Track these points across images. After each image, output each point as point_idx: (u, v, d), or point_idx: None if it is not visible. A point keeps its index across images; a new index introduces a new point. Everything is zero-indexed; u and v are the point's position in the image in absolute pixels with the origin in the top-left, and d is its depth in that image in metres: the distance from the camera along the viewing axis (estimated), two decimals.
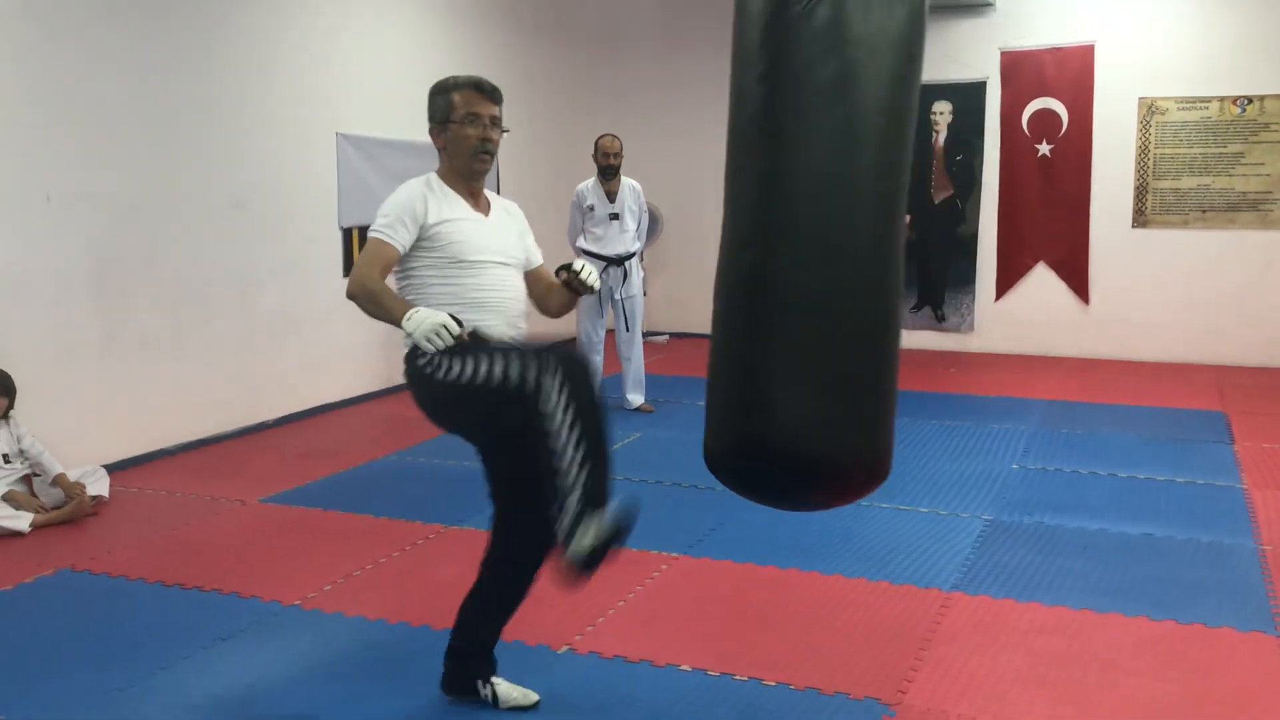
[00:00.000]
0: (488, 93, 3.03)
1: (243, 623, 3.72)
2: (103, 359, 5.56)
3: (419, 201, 2.96)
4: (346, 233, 7.06)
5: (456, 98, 3.00)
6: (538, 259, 3.29)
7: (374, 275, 2.89)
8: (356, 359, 7.27)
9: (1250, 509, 4.84)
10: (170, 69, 5.82)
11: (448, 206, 2.99)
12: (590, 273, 3.16)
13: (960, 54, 8.97)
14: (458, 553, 4.41)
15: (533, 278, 3.27)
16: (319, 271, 6.90)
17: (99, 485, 5.04)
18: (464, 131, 2.99)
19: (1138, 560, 4.23)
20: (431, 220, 2.95)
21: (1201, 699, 3.14)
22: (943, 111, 9.16)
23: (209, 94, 6.05)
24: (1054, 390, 7.54)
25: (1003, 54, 8.82)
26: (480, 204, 3.10)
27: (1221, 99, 8.27)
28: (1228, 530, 4.56)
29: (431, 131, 3.06)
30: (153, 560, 4.33)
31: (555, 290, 3.28)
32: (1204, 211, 8.40)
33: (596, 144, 6.67)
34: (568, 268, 3.17)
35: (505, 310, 3.06)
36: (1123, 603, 3.80)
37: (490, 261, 3.02)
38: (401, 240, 2.92)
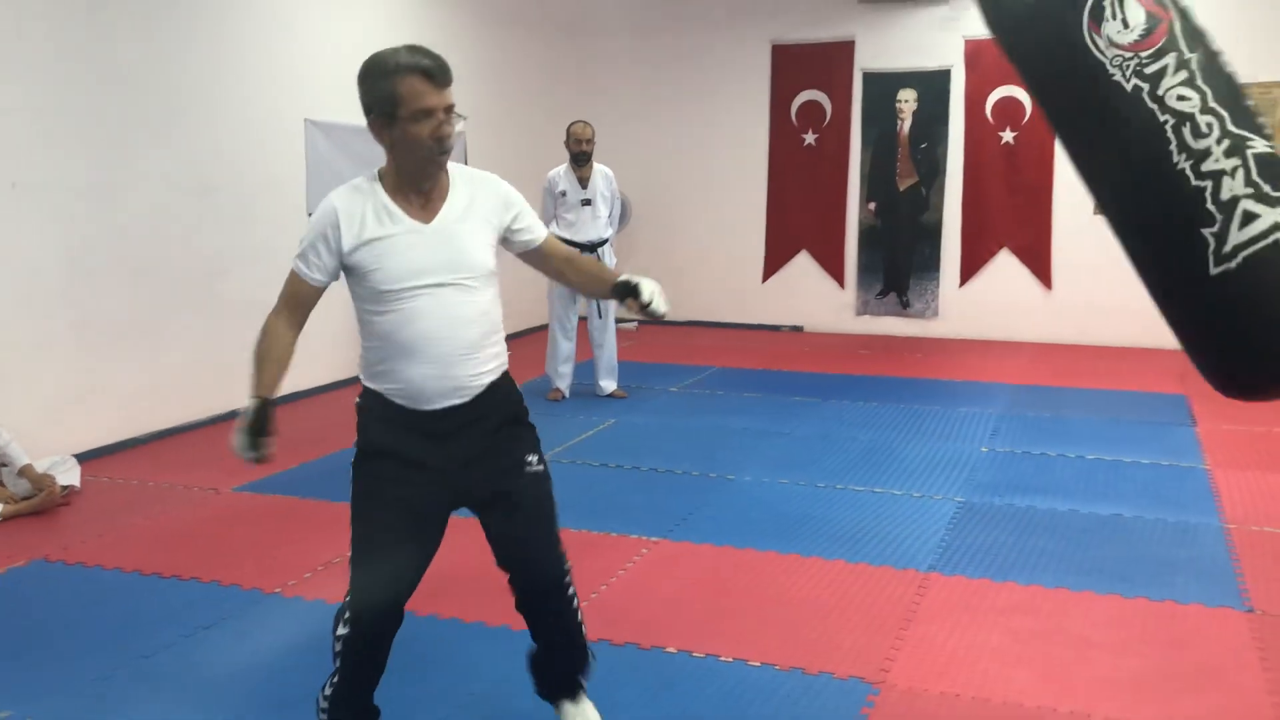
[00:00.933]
0: (437, 79, 2.41)
1: (223, 611, 3.71)
2: (73, 347, 5.50)
3: (328, 224, 2.45)
4: None
5: (401, 89, 2.39)
6: (537, 235, 2.75)
7: (274, 322, 2.51)
8: (329, 346, 7.21)
9: (1214, 489, 4.95)
10: (137, 54, 5.75)
11: (375, 221, 2.45)
12: (657, 300, 2.59)
13: (925, 43, 9.05)
14: None
15: (539, 257, 2.80)
16: (288, 258, 6.82)
17: (70, 475, 4.99)
18: (414, 130, 2.41)
19: (1108, 540, 4.31)
20: (348, 245, 2.44)
21: (1174, 673, 3.22)
22: (908, 99, 9.24)
23: (176, 80, 5.99)
24: (1019, 374, 7.65)
25: (967, 42, 8.90)
26: (433, 204, 2.52)
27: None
28: (1194, 510, 4.66)
29: (371, 125, 2.46)
30: (128, 549, 4.30)
31: (588, 281, 2.84)
32: None
33: (568, 130, 6.67)
34: (634, 292, 2.59)
35: (442, 353, 2.50)
36: (1095, 581, 3.88)
37: (422, 287, 2.45)
38: (316, 274, 2.48)
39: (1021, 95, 8.81)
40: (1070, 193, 8.77)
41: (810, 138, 9.58)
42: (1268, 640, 3.41)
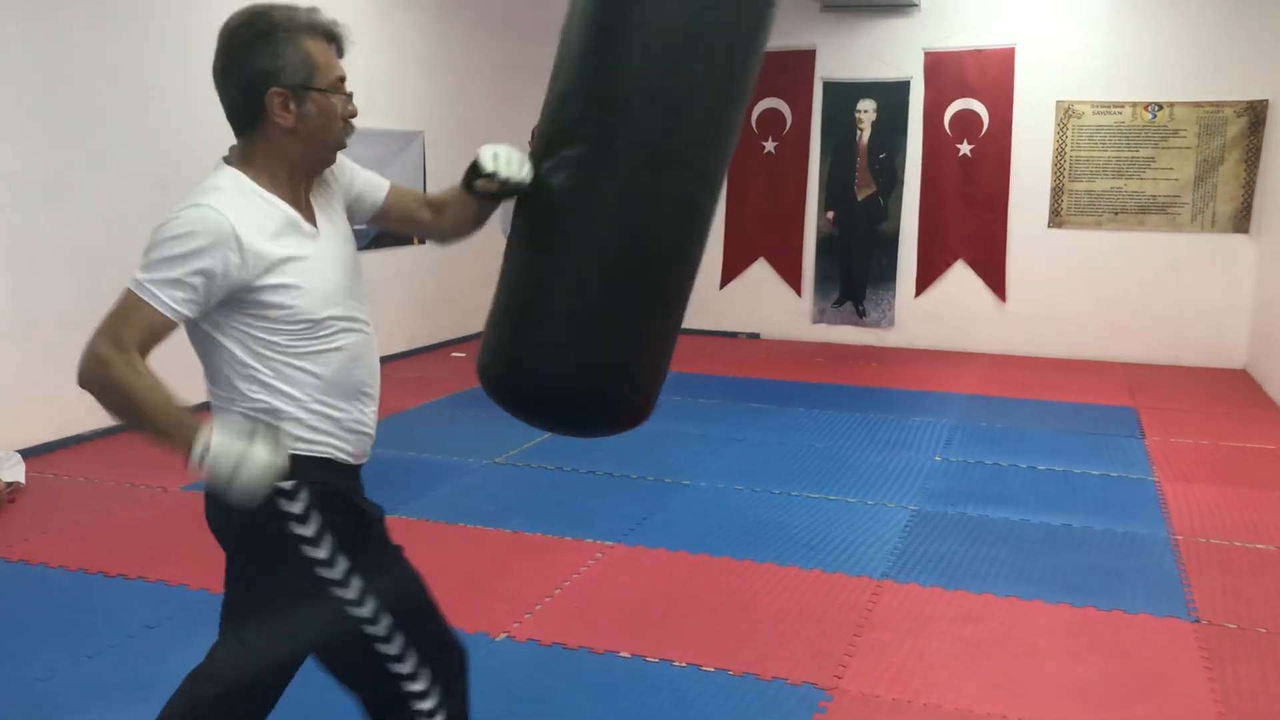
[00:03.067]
0: (342, 45, 2.06)
1: (169, 610, 3.65)
2: (18, 341, 5.38)
3: (222, 243, 1.84)
4: None
5: (316, 54, 1.95)
6: (380, 184, 2.27)
7: (122, 356, 1.87)
8: None
9: (1162, 500, 5.02)
10: (88, 44, 5.65)
11: (282, 233, 1.93)
12: (510, 160, 2.07)
13: (884, 53, 9.12)
14: None
15: (397, 212, 2.27)
16: None
17: (14, 471, 4.89)
18: (330, 106, 1.98)
19: (1058, 549, 4.36)
20: (256, 269, 1.87)
21: (1122, 680, 3.26)
22: (867, 110, 9.30)
23: (129, 70, 5.89)
24: (973, 385, 7.72)
25: (926, 54, 8.98)
26: (308, 207, 2.02)
27: (1134, 104, 8.54)
28: (1142, 521, 4.73)
29: (263, 100, 1.92)
30: (73, 548, 4.22)
31: (455, 205, 2.29)
32: (1116, 213, 8.66)
33: (533, 133, 6.62)
34: (477, 170, 2.10)
35: (377, 386, 2.12)
36: (1045, 590, 3.92)
37: (351, 310, 2.04)
38: (186, 309, 1.87)
39: (979, 108, 8.91)
40: (1026, 206, 8.88)
41: (770, 146, 9.62)
42: (1213, 650, 3.47)
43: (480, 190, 2.11)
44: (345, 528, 2.01)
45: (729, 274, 9.86)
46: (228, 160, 2.01)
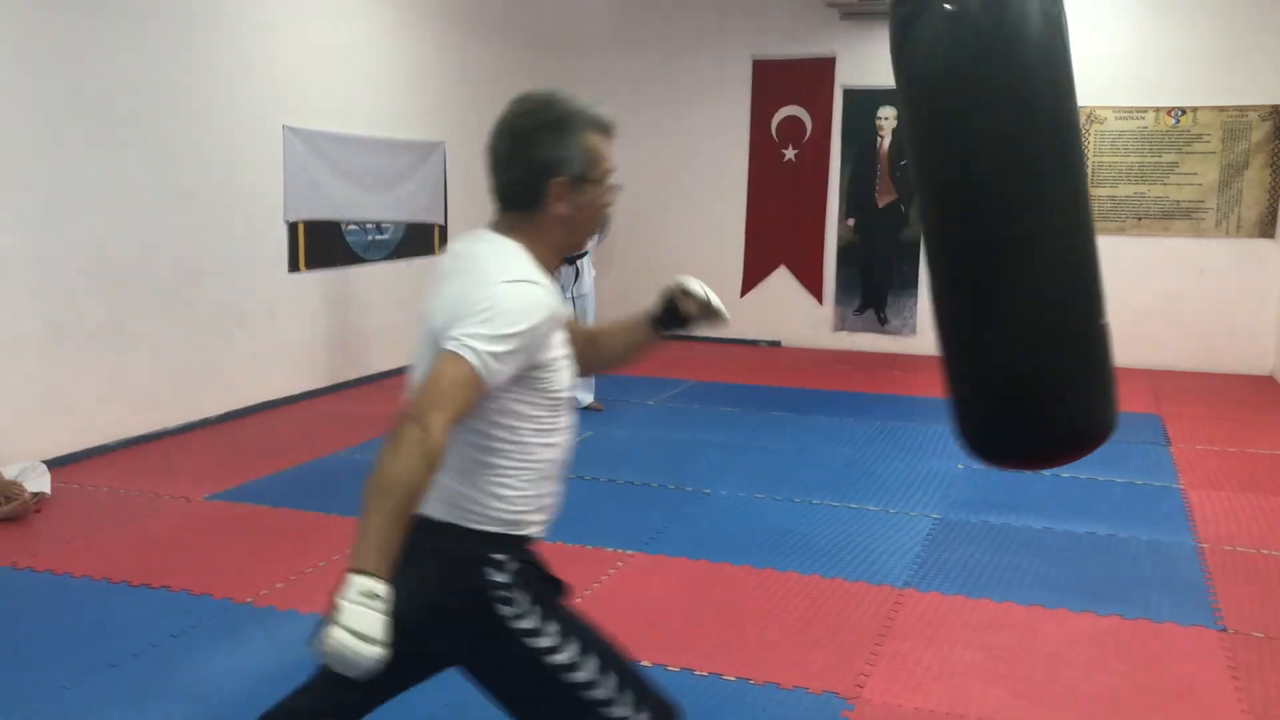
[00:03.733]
0: (613, 135, 2.08)
1: (193, 620, 3.66)
2: (44, 352, 5.43)
3: (548, 318, 1.84)
4: (292, 227, 6.97)
5: (596, 144, 1.99)
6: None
7: (442, 436, 1.68)
8: (302, 355, 7.19)
9: (1187, 508, 4.97)
10: (113, 55, 5.71)
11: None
12: (714, 295, 2.25)
13: None
14: None
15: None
16: (265, 266, 6.81)
17: (40, 482, 4.92)
18: (601, 197, 2.02)
19: (1082, 557, 4.33)
20: (557, 344, 1.91)
21: (1147, 690, 3.23)
22: (888, 117, 9.29)
23: (153, 82, 5.94)
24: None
25: None
26: None
27: (1157, 109, 8.49)
28: (1167, 529, 4.68)
29: (550, 189, 1.94)
30: (97, 557, 4.24)
31: (613, 336, 2.29)
32: (1140, 219, 8.61)
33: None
34: (671, 301, 2.21)
35: None
36: (1069, 598, 3.89)
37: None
38: (501, 380, 1.78)
39: None
40: None
41: (790, 153, 9.61)
42: (1239, 659, 3.43)
43: (684, 313, 2.21)
44: (550, 600, 1.95)
45: (750, 282, 9.85)
46: (498, 229, 2.02)
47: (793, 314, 9.75)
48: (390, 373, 8.00)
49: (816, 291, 9.67)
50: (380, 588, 1.61)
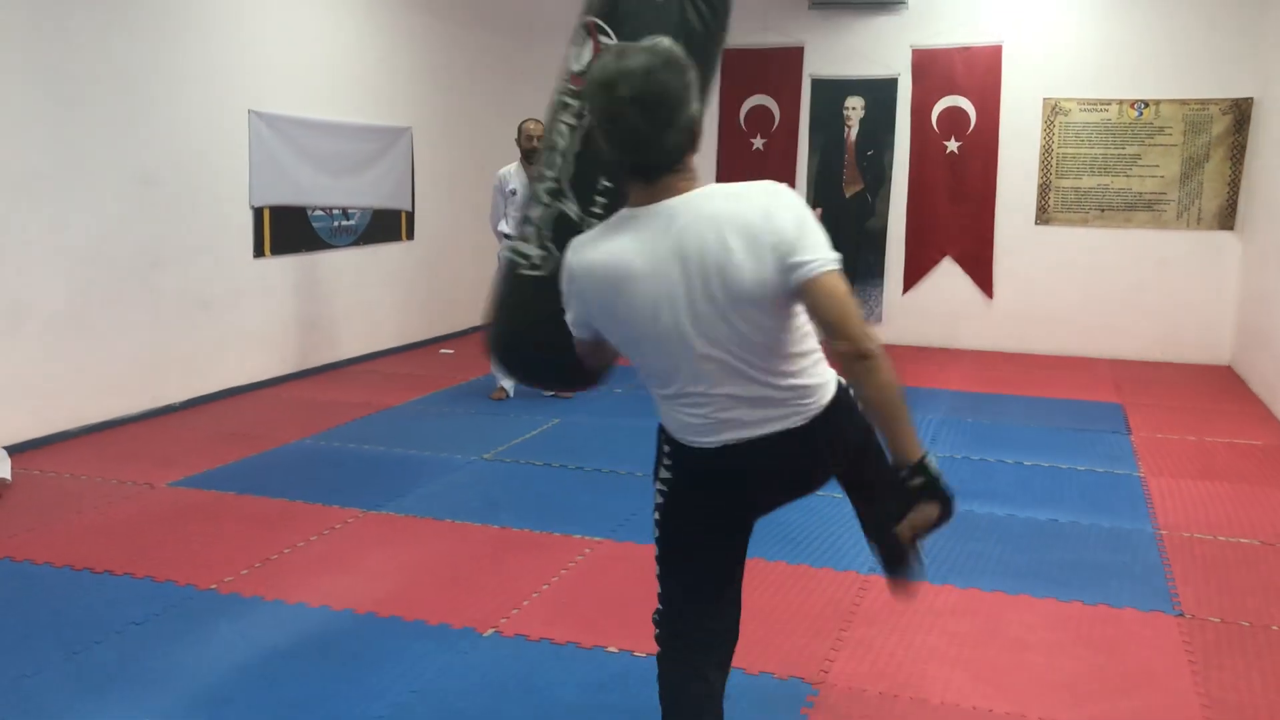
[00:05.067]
0: None
1: (157, 607, 3.64)
2: (4, 337, 5.36)
3: None
4: (258, 212, 6.92)
5: None
6: None
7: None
8: (268, 341, 7.13)
9: (1147, 496, 5.04)
10: (76, 39, 5.63)
11: None
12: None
13: (873, 51, 9.13)
14: (377, 538, 4.37)
15: None
16: (230, 251, 6.75)
17: (1, 468, 4.86)
18: None
19: (1045, 544, 4.38)
20: None
21: (1106, 674, 3.28)
22: (855, 107, 9.32)
23: (116, 66, 5.87)
24: (960, 381, 7.75)
25: (914, 52, 9.00)
26: None
27: (1120, 102, 8.57)
28: (1127, 516, 4.75)
29: (698, 136, 2.07)
30: (59, 544, 4.20)
31: None
32: (1103, 210, 8.69)
33: (520, 128, 6.64)
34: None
35: None
36: (1032, 584, 3.94)
37: None
38: None
39: (966, 105, 8.93)
40: (1013, 203, 8.91)
41: (758, 142, 9.63)
42: (1197, 644, 3.49)
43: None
44: None
45: None
46: (693, 181, 2.08)
47: None
48: (358, 359, 7.96)
49: None
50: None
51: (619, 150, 2.00)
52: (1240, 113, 8.26)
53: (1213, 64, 8.28)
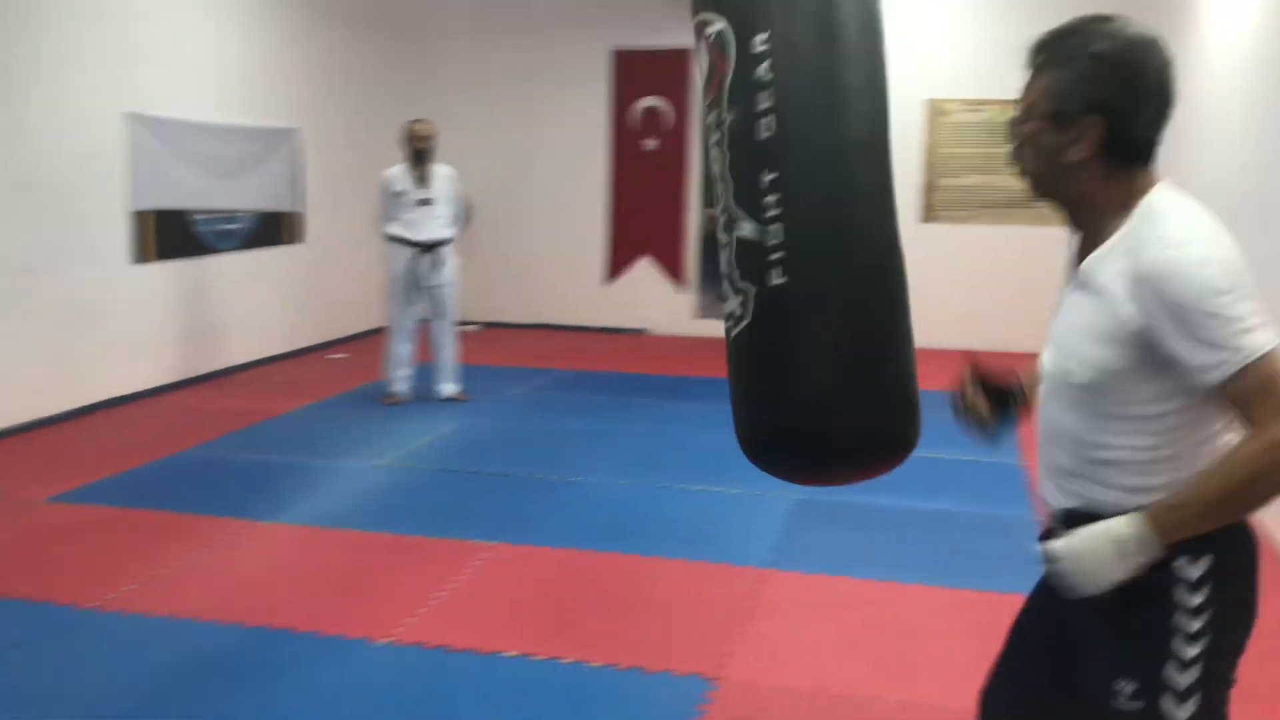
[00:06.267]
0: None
1: (34, 629, 3.50)
2: None
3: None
4: (139, 217, 6.69)
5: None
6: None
7: None
8: (152, 349, 6.91)
9: (1028, 483, 5.20)
10: None
11: None
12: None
13: None
14: (268, 549, 4.28)
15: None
16: (110, 257, 6.52)
17: None
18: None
19: (935, 533, 4.49)
20: None
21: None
22: None
23: None
24: None
25: None
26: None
27: (1000, 102, 8.82)
28: (1010, 503, 4.89)
29: (1080, 125, 1.65)
30: None
31: None
32: (984, 207, 8.94)
33: (407, 129, 6.55)
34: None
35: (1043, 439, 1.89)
36: (924, 573, 4.03)
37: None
38: None
39: None
40: (900, 201, 9.07)
41: (651, 143, 9.67)
42: None
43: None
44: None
45: (614, 270, 9.89)
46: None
47: (657, 302, 9.82)
48: (246, 365, 7.77)
49: (679, 279, 9.76)
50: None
51: (1146, 122, 1.63)
52: None
53: None
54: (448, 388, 6.81)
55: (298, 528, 4.50)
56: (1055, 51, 1.70)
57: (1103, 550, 1.59)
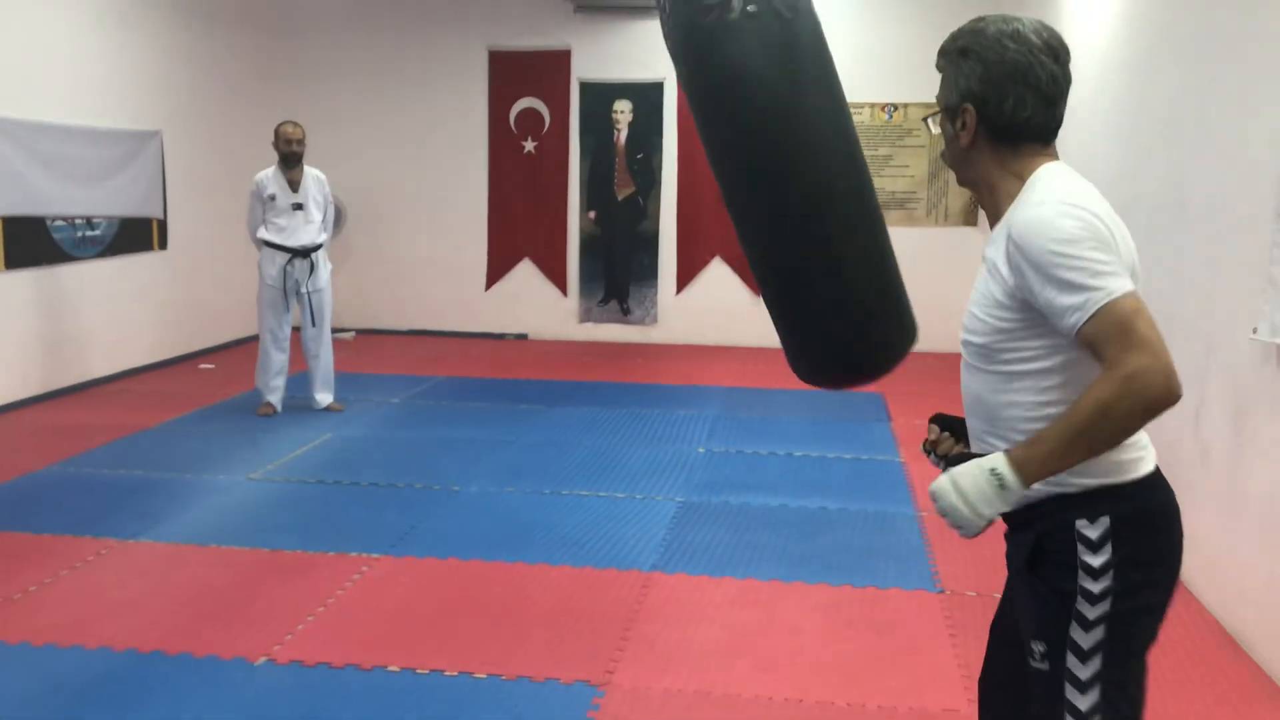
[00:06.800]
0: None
1: None
2: None
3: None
4: None
5: None
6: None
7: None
8: (6, 362, 6.58)
9: (908, 480, 5.32)
10: None
11: None
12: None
13: (638, 54, 9.27)
14: (135, 568, 4.10)
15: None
16: None
17: None
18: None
19: (816, 532, 4.55)
20: None
21: (878, 654, 3.43)
22: (623, 110, 9.44)
23: None
24: (732, 377, 7.96)
25: None
26: None
27: (873, 105, 9.03)
28: (890, 500, 4.99)
29: (962, 114, 1.84)
30: None
31: None
32: (886, 209, 9.12)
33: (276, 131, 6.37)
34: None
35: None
36: (805, 571, 4.08)
37: None
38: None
39: None
40: None
41: (530, 145, 9.61)
42: (955, 617, 3.70)
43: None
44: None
45: (494, 275, 9.80)
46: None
47: (538, 306, 9.77)
48: (110, 378, 7.46)
49: (561, 284, 9.72)
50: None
51: (1038, 105, 1.77)
52: None
53: None
54: (323, 397, 6.65)
55: (166, 545, 4.33)
56: (944, 53, 1.88)
57: (973, 487, 1.67)
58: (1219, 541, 3.70)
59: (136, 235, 7.75)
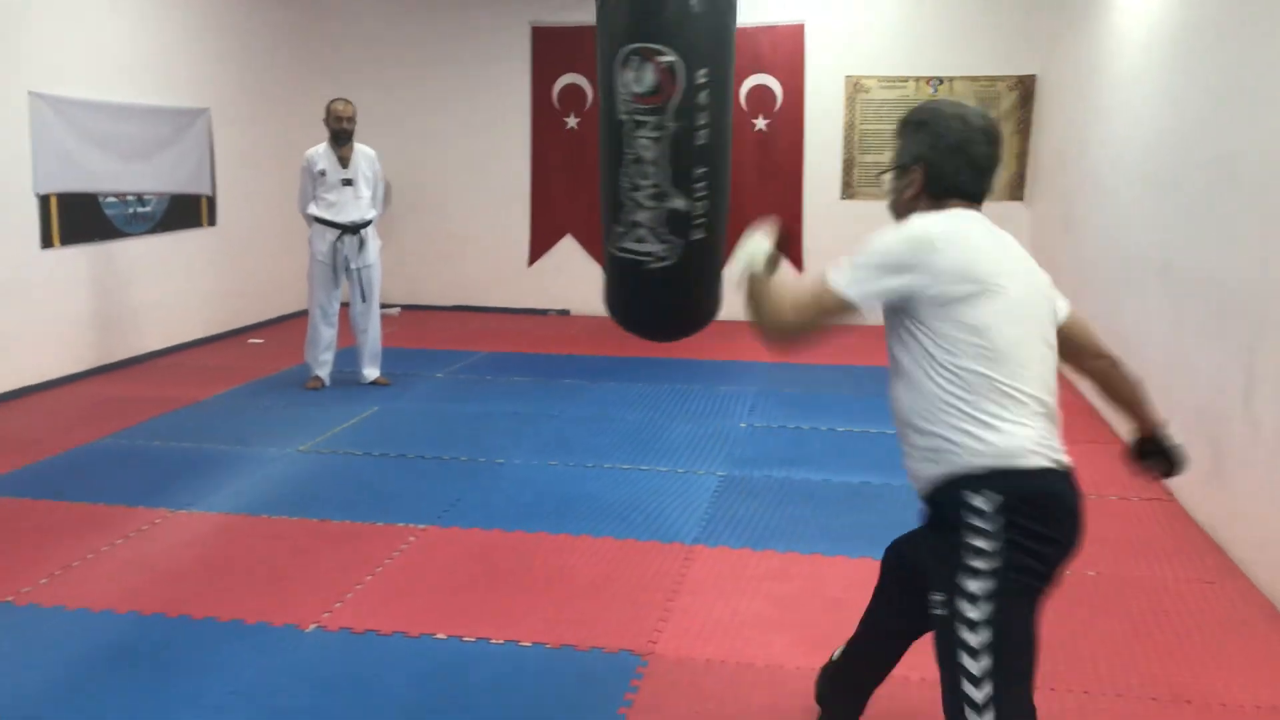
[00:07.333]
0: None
1: None
2: None
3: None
4: (44, 200, 6.49)
5: None
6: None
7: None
8: (61, 337, 6.72)
9: None
10: None
11: None
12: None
13: None
14: (188, 538, 4.20)
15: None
16: (12, 242, 6.31)
17: None
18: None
19: (858, 506, 4.56)
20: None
21: None
22: None
23: None
24: (774, 354, 7.94)
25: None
26: None
27: (917, 79, 8.94)
28: None
29: (910, 172, 2.32)
30: None
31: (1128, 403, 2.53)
32: None
33: (328, 108, 6.43)
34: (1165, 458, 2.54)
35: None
36: (848, 545, 4.10)
37: None
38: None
39: (773, 84, 9.15)
40: (819, 178, 9.19)
41: (573, 121, 9.62)
42: None
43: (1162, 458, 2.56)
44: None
45: (537, 251, 9.84)
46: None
47: (580, 282, 9.79)
48: (161, 352, 7.60)
49: (602, 259, 9.73)
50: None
51: (970, 173, 2.25)
52: (1025, 89, 8.75)
53: (1000, 43, 8.74)
54: (370, 372, 6.73)
55: (218, 516, 4.42)
56: (904, 123, 2.34)
57: (744, 255, 2.42)
58: (1272, 521, 3.67)
59: (186, 212, 7.87)
